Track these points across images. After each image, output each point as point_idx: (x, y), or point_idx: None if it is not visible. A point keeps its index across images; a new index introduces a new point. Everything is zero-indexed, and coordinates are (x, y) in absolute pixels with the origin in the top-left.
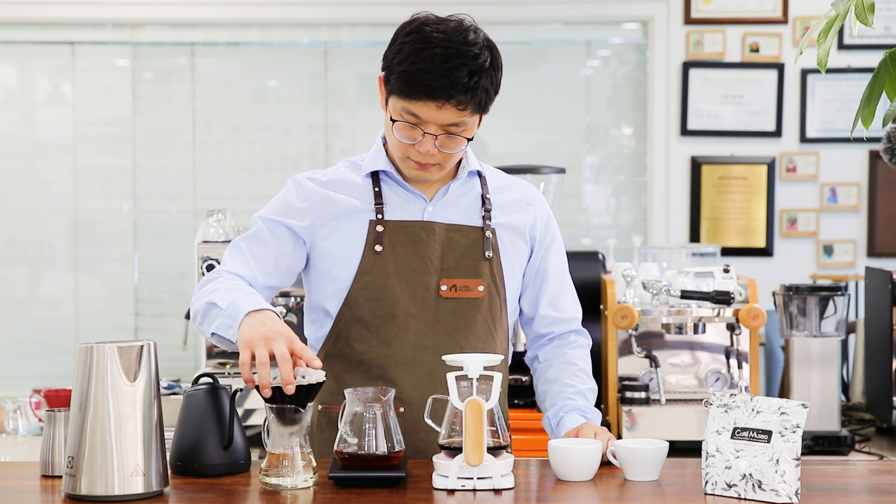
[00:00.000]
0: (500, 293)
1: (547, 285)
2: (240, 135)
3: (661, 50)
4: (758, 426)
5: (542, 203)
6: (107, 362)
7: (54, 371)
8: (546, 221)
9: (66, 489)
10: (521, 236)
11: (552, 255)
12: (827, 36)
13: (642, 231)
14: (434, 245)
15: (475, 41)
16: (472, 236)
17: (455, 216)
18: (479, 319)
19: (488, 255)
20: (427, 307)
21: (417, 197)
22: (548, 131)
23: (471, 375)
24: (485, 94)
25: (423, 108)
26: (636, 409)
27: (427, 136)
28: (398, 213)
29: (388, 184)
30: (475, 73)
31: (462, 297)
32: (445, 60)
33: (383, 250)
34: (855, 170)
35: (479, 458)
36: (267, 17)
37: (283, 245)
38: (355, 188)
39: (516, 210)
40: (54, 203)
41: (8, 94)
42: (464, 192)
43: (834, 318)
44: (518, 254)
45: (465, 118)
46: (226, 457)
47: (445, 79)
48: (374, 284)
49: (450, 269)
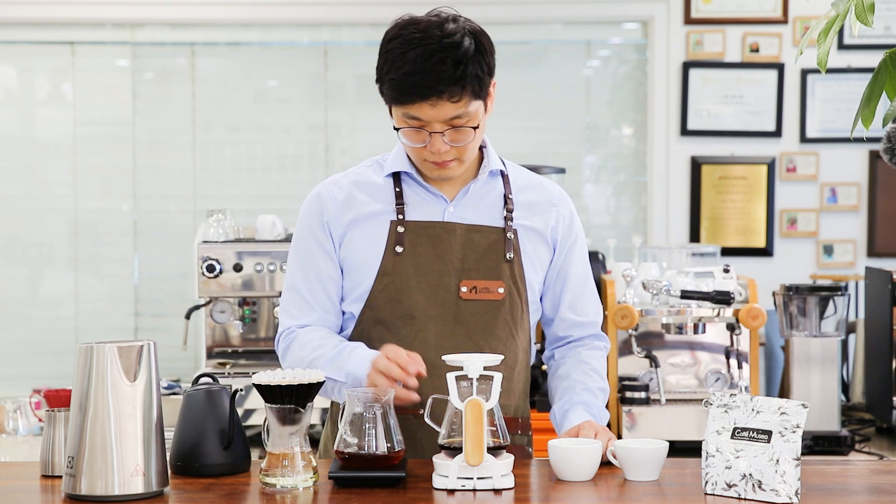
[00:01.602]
0: (521, 295)
1: (568, 288)
2: (240, 135)
3: (661, 50)
4: (758, 426)
5: (566, 204)
6: (107, 362)
7: (54, 371)
8: (569, 223)
9: (66, 489)
10: (542, 238)
11: (574, 257)
12: (827, 36)
13: (642, 231)
14: (454, 246)
15: (455, 31)
16: (492, 237)
17: (476, 216)
18: (499, 321)
19: (509, 257)
20: (447, 309)
21: (438, 197)
22: (548, 131)
23: (471, 375)
24: (476, 81)
25: (419, 109)
26: (636, 409)
27: (434, 136)
28: (419, 214)
29: (409, 184)
30: (459, 62)
31: (482, 298)
32: (427, 58)
33: (404, 251)
34: (855, 170)
35: (479, 458)
36: (267, 17)
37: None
38: (377, 189)
39: (539, 211)
40: (54, 203)
41: (8, 94)
42: (486, 192)
43: (834, 318)
44: (540, 256)
45: (464, 109)
46: (226, 457)
47: (431, 76)
48: (395, 285)
49: (470, 271)
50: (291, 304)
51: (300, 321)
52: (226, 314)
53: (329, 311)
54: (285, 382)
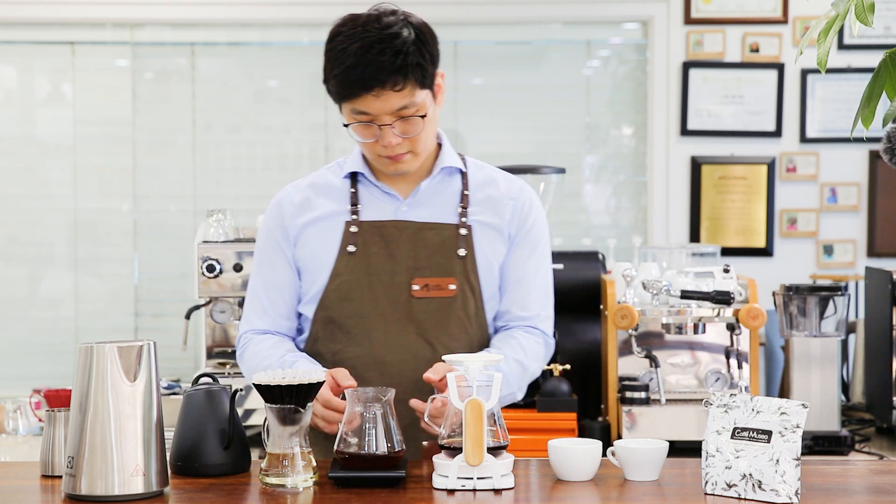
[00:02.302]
0: (474, 291)
1: (515, 281)
2: (240, 135)
3: (661, 50)
4: (758, 426)
5: (526, 198)
6: (107, 362)
7: (54, 371)
8: (524, 216)
9: (66, 489)
10: (499, 233)
11: (525, 251)
12: (827, 36)
13: (642, 231)
14: (405, 244)
15: (393, 22)
16: (445, 233)
17: (430, 214)
18: (452, 318)
19: (461, 253)
20: (399, 307)
21: (392, 196)
22: (548, 131)
23: (470, 375)
24: (419, 70)
25: (364, 102)
26: (636, 409)
27: (384, 128)
28: (373, 214)
29: (364, 184)
30: (399, 51)
31: (434, 296)
32: (367, 50)
33: (357, 251)
34: (855, 170)
35: (479, 458)
36: (267, 17)
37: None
38: (333, 190)
39: (496, 206)
40: (54, 203)
41: (8, 94)
42: (440, 190)
43: (834, 318)
44: (496, 251)
45: (410, 99)
46: (226, 457)
47: (371, 67)
48: (348, 285)
49: (422, 269)
50: (251, 309)
51: (257, 326)
52: (226, 314)
53: (286, 316)
54: (285, 382)
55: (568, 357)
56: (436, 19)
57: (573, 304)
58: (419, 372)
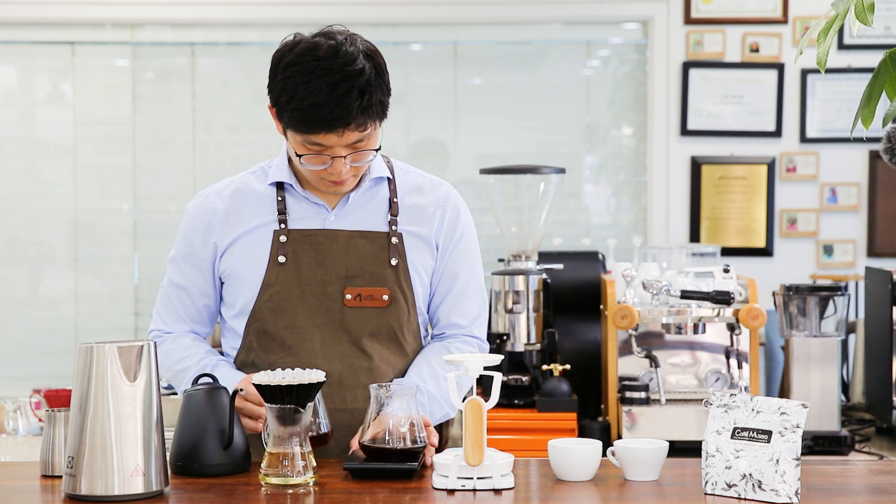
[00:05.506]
0: (407, 299)
1: (448, 289)
2: (240, 135)
3: (661, 50)
4: (758, 426)
5: (453, 206)
6: (107, 362)
7: (54, 371)
8: (452, 225)
9: (66, 489)
10: (426, 243)
11: (456, 259)
12: (827, 36)
13: (642, 231)
14: (337, 253)
15: (354, 56)
16: (377, 242)
17: (359, 223)
18: (384, 327)
19: (393, 263)
20: (332, 317)
21: (320, 207)
22: (548, 131)
23: (470, 375)
24: (380, 106)
25: (324, 138)
26: (636, 409)
27: (336, 160)
28: (302, 223)
29: (291, 193)
30: (364, 91)
31: (367, 305)
32: (333, 89)
33: (287, 261)
34: (855, 170)
35: (479, 458)
36: (267, 17)
37: (195, 285)
38: (259, 198)
39: (424, 216)
40: (54, 203)
41: (8, 94)
42: (368, 199)
43: (834, 318)
44: (423, 260)
45: (367, 132)
46: (226, 457)
47: (338, 108)
48: (279, 296)
49: (355, 278)
50: (162, 307)
51: (169, 326)
52: None
53: (197, 320)
54: (285, 382)
55: (568, 357)
56: (436, 19)
57: (573, 304)
58: (358, 380)
